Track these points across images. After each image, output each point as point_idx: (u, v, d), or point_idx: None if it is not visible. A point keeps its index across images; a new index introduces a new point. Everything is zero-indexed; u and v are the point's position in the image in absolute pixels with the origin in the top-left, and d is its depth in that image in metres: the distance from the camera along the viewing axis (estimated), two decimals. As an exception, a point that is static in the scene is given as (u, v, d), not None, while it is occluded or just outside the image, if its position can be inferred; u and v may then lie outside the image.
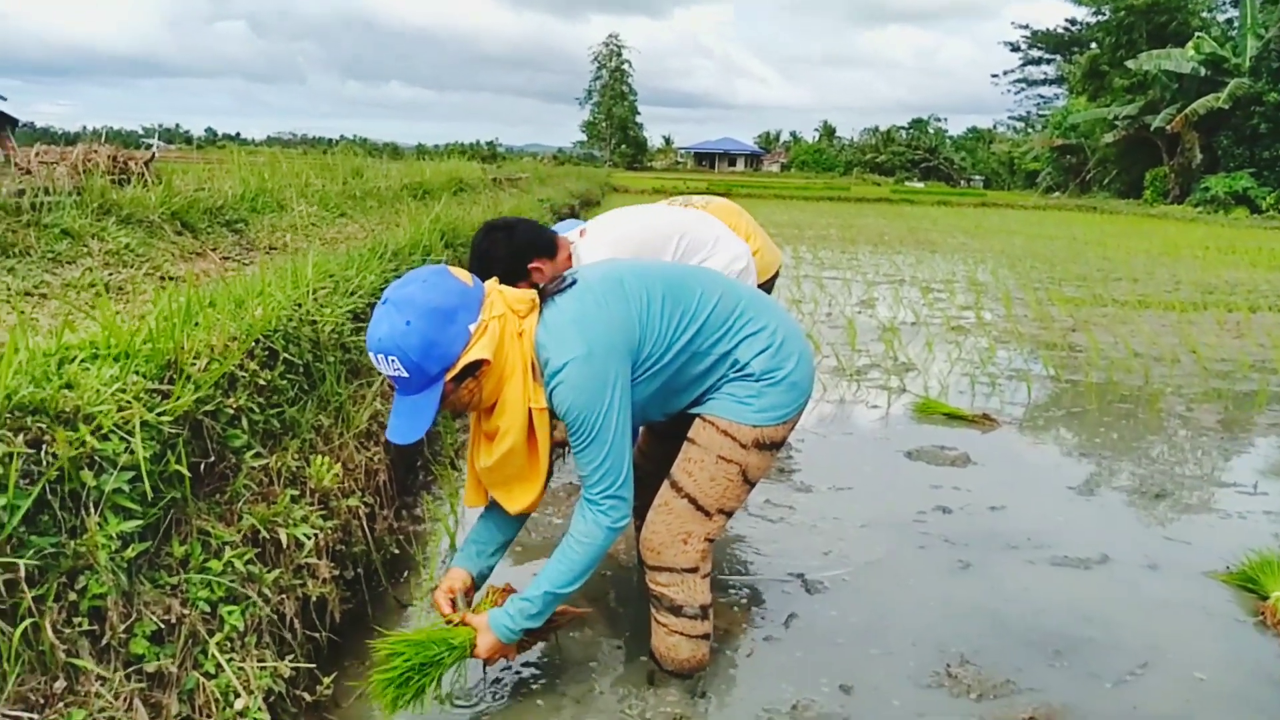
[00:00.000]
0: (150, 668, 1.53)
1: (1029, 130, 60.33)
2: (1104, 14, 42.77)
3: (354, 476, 2.61)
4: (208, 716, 1.61)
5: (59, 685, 1.37)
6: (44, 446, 1.45)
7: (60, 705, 1.36)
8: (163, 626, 1.60)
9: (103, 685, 1.43)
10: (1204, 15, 39.24)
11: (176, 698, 1.56)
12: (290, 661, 1.83)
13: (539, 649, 2.29)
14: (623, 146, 73.97)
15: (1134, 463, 4.10)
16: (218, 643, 1.68)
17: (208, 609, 1.71)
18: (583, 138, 78.82)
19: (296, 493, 2.19)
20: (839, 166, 73.01)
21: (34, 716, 1.33)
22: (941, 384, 5.41)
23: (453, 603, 2.10)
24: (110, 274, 3.38)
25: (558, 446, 2.41)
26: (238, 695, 1.65)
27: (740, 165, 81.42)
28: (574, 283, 2.00)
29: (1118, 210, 31.69)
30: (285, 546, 2.02)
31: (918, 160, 67.67)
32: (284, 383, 2.37)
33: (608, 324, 1.94)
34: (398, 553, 2.81)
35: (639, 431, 2.61)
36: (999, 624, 2.59)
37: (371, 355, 1.85)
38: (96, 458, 1.53)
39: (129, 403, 1.63)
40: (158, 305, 2.13)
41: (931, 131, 75.37)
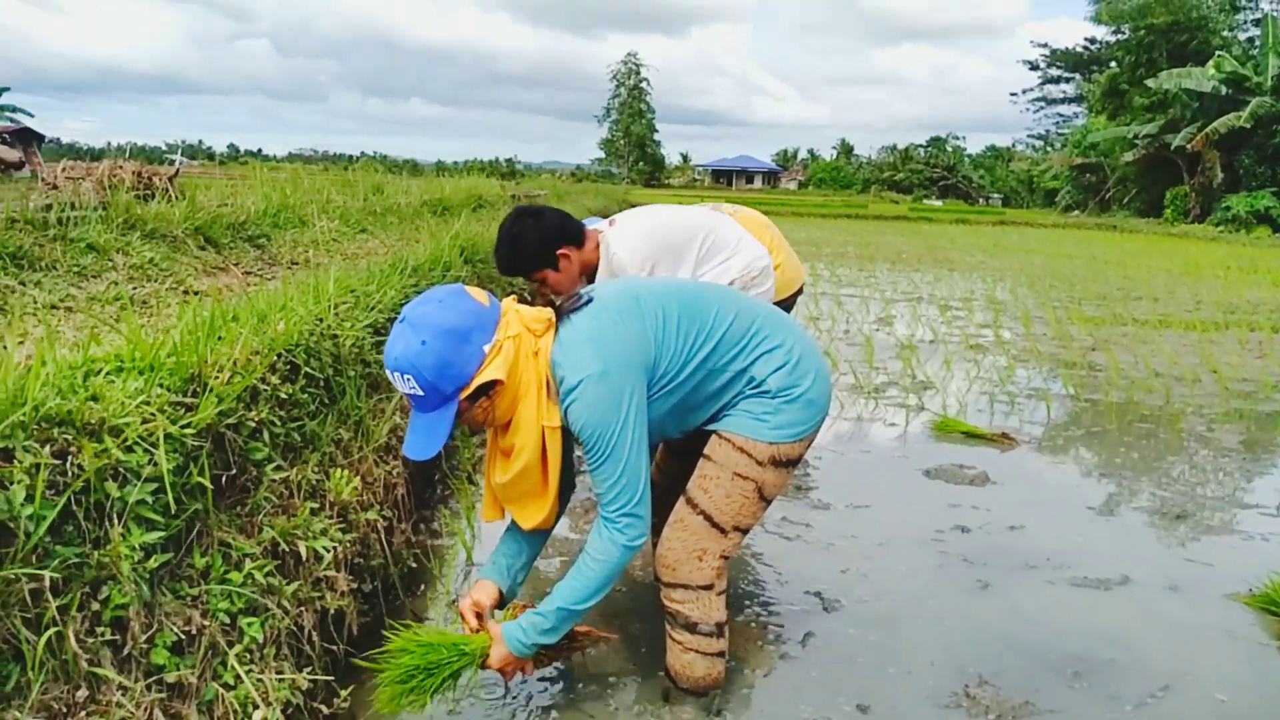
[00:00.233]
0: (171, 678, 1.55)
1: (1048, 149, 60.06)
2: (1124, 33, 42.61)
3: (373, 490, 2.62)
4: (226, 728, 1.62)
5: (81, 694, 1.39)
6: (70, 458, 1.47)
7: (83, 714, 1.38)
8: (183, 637, 1.61)
9: (124, 695, 1.45)
10: (1225, 34, 38.99)
11: (196, 708, 1.58)
12: (308, 674, 1.84)
13: (556, 665, 2.29)
14: (640, 164, 74.10)
15: (1154, 483, 4.07)
16: (237, 654, 1.70)
17: (228, 620, 1.73)
18: (600, 155, 79.02)
19: (316, 506, 2.21)
20: (857, 184, 72.94)
21: (56, 725, 1.34)
22: (960, 402, 5.39)
23: (478, 616, 2.08)
24: (135, 288, 3.42)
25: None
26: (256, 707, 1.66)
27: (757, 183, 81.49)
28: (590, 300, 2.01)
29: (1138, 229, 31.47)
30: (304, 559, 2.04)
31: (936, 178, 67.50)
32: (305, 396, 2.39)
33: (624, 341, 1.94)
34: (415, 566, 2.83)
35: (656, 449, 2.61)
36: (1018, 644, 2.57)
37: (389, 372, 1.87)
38: (121, 469, 1.55)
39: (153, 415, 1.65)
40: (182, 319, 2.16)
41: (949, 150, 75.12)
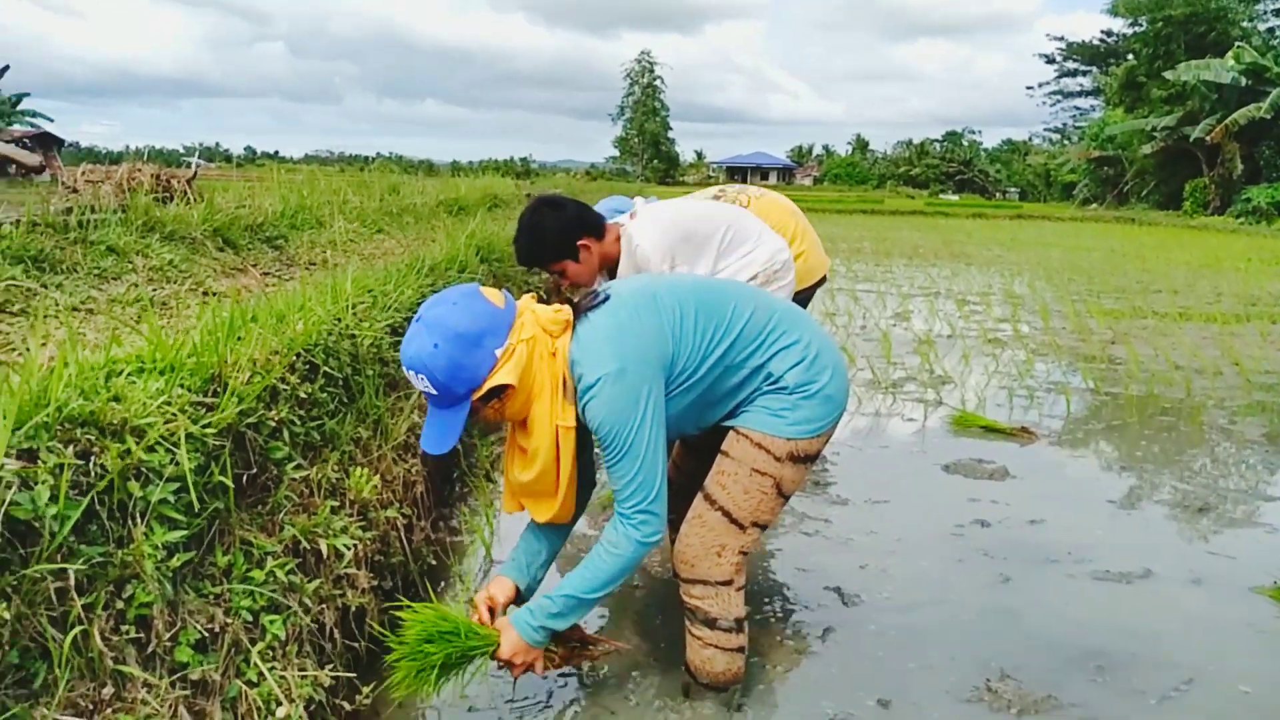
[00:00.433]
0: (194, 675, 1.56)
1: (1065, 142, 59.62)
2: (1141, 25, 42.21)
3: (392, 488, 2.64)
4: (250, 724, 1.63)
5: (107, 691, 1.40)
6: (93, 458, 1.48)
7: (109, 711, 1.39)
8: (206, 635, 1.63)
9: (149, 692, 1.46)
10: (1244, 25, 38.61)
11: (220, 705, 1.59)
12: (330, 671, 1.85)
13: (573, 666, 2.28)
14: (655, 161, 74.12)
15: (1176, 476, 4.03)
16: (260, 651, 1.71)
17: (250, 618, 1.74)
18: (615, 153, 79.06)
19: (336, 504, 2.22)
20: (872, 179, 72.68)
21: (83, 722, 1.36)
22: (979, 397, 5.36)
23: (492, 612, 2.08)
24: (155, 289, 3.46)
25: None
26: (279, 703, 1.67)
27: (773, 179, 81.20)
28: (607, 298, 2.00)
29: (1157, 222, 31.18)
30: (325, 557, 2.05)
31: (952, 173, 67.18)
32: (324, 396, 2.41)
33: (641, 338, 1.94)
34: (435, 564, 2.84)
35: (674, 445, 2.61)
36: (1040, 638, 2.55)
37: (405, 370, 1.88)
38: (143, 469, 1.56)
39: (174, 415, 1.66)
40: (201, 320, 2.17)
41: (965, 144, 74.85)
